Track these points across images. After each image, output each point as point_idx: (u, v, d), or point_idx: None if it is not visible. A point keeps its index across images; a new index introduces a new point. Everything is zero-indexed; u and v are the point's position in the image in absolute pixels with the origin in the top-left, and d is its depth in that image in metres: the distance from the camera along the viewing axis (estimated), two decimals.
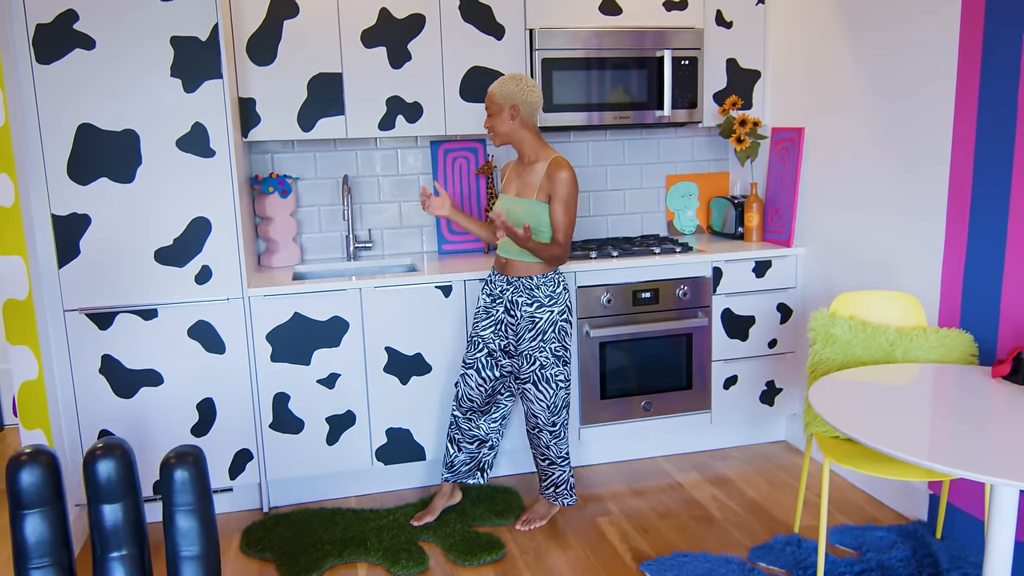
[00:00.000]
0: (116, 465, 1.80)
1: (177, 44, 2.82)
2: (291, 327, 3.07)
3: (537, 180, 2.79)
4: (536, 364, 2.86)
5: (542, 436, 2.94)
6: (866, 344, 2.58)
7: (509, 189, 2.90)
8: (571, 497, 3.01)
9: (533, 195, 2.79)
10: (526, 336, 2.84)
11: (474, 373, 2.98)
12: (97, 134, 2.81)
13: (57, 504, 1.78)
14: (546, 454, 2.97)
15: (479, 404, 3.00)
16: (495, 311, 2.92)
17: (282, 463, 3.15)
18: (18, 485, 1.74)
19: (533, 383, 2.88)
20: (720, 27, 3.60)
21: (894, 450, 1.81)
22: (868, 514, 3.02)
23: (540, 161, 2.81)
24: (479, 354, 2.97)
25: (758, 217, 3.66)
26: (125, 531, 1.82)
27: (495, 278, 2.94)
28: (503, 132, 2.79)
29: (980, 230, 2.58)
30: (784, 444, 3.72)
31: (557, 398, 2.90)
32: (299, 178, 3.58)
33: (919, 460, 1.76)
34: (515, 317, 2.86)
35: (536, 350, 2.84)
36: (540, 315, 2.83)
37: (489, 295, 2.95)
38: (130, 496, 1.83)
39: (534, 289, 2.83)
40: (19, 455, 1.76)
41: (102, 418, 2.97)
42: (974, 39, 2.54)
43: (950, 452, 1.81)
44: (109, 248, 2.89)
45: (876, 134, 3.03)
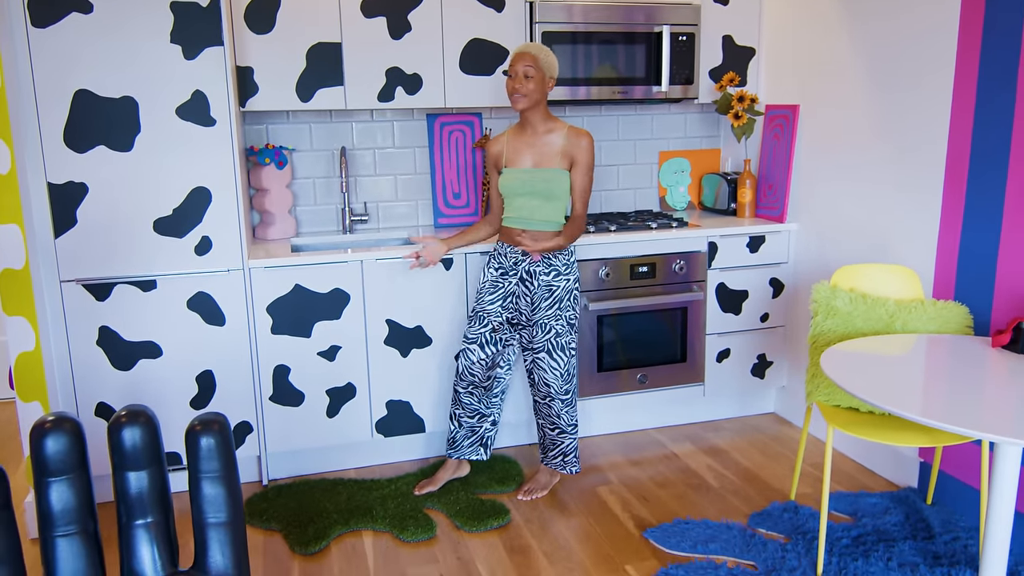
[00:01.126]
0: (141, 432, 1.79)
1: (177, 9, 2.77)
2: (292, 299, 3.05)
3: (557, 149, 2.82)
4: (552, 332, 2.88)
5: (553, 405, 2.97)
6: (867, 316, 2.64)
7: (522, 161, 2.89)
8: (577, 465, 3.06)
9: (556, 164, 2.83)
10: (542, 305, 2.87)
11: (477, 348, 2.99)
12: (95, 101, 2.75)
13: (82, 471, 1.77)
14: (556, 423, 3.00)
15: (480, 379, 3.02)
16: (505, 283, 2.94)
17: (282, 435, 3.14)
18: (43, 452, 1.72)
19: (547, 351, 2.91)
20: (717, 3, 3.62)
21: (913, 414, 1.87)
22: (860, 482, 3.11)
23: (555, 131, 2.84)
24: (483, 329, 2.98)
25: (751, 193, 3.71)
26: (151, 498, 1.81)
27: (507, 251, 2.94)
28: (536, 99, 2.80)
29: (977, 204, 2.66)
30: (773, 416, 3.80)
31: (570, 366, 2.94)
32: (295, 149, 3.54)
33: (937, 423, 1.82)
34: (531, 287, 2.88)
35: (552, 318, 2.87)
36: (557, 283, 2.86)
37: (499, 268, 2.96)
38: (155, 464, 1.82)
39: (552, 258, 2.86)
40: (43, 422, 1.74)
41: (100, 390, 2.93)
42: (976, 12, 2.60)
43: (962, 414, 1.87)
44: (107, 218, 2.84)
45: (873, 110, 3.08)
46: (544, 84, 2.80)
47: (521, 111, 2.84)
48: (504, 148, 2.93)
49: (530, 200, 2.86)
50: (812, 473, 3.21)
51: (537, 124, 2.86)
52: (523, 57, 2.77)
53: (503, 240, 2.97)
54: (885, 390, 2.04)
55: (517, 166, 2.89)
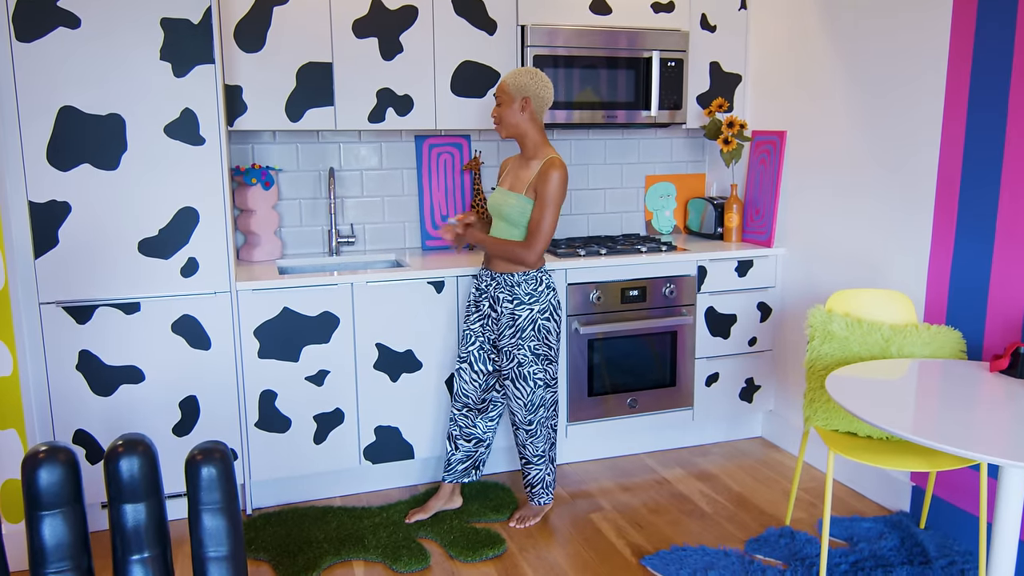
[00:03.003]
0: (139, 463, 1.71)
1: (168, 26, 2.71)
2: (280, 322, 2.98)
3: (530, 176, 2.77)
4: (515, 361, 2.85)
5: (518, 434, 2.95)
6: (863, 341, 2.65)
7: (505, 182, 2.88)
8: (545, 497, 3.00)
9: (523, 190, 2.78)
10: (506, 333, 2.83)
11: (467, 367, 2.96)
12: (80, 118, 2.67)
13: (76, 504, 1.68)
14: (522, 452, 2.97)
15: (475, 401, 2.98)
16: (482, 306, 2.91)
17: (267, 463, 3.05)
18: (36, 485, 1.63)
19: (511, 380, 2.87)
20: (704, 30, 3.66)
21: (933, 441, 1.86)
22: (851, 506, 3.11)
23: (537, 159, 2.78)
24: (471, 347, 2.95)
25: (738, 218, 3.73)
26: (148, 532, 1.73)
27: (482, 273, 2.92)
28: (511, 123, 2.75)
29: (968, 229, 2.69)
30: (761, 440, 3.80)
31: (534, 396, 2.88)
32: (281, 170, 3.48)
33: (959, 450, 1.82)
34: (497, 313, 2.85)
35: (515, 347, 2.83)
36: (519, 312, 2.81)
37: (477, 288, 2.94)
38: (153, 495, 1.74)
39: (515, 286, 2.81)
40: (36, 453, 1.66)
41: (78, 417, 2.82)
42: (965, 35, 2.65)
43: (971, 438, 1.88)
44: (90, 238, 2.75)
45: (861, 135, 3.13)
46: (515, 108, 2.71)
47: (505, 138, 2.81)
48: (507, 166, 2.94)
49: (498, 224, 2.85)
50: (804, 498, 3.20)
51: (527, 148, 2.80)
52: (497, 86, 2.77)
53: (483, 262, 2.95)
54: (894, 416, 2.04)
55: (502, 186, 2.88)
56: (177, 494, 3.02)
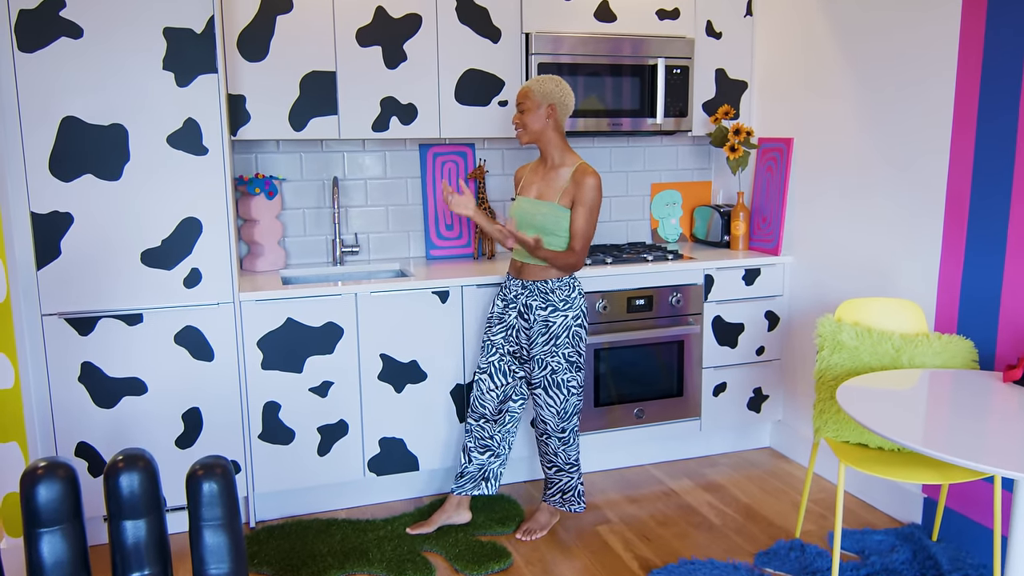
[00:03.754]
0: (140, 479, 1.69)
1: (170, 35, 2.69)
2: (283, 333, 2.95)
3: (561, 184, 2.75)
4: (548, 369, 2.82)
5: (550, 442, 2.90)
6: (873, 350, 2.62)
7: (528, 191, 2.84)
8: (579, 504, 2.98)
9: (556, 199, 2.75)
10: (539, 340, 2.80)
11: (487, 378, 2.92)
12: (82, 128, 2.66)
13: (75, 521, 1.66)
14: (554, 461, 2.93)
15: (491, 412, 2.94)
16: (508, 316, 2.87)
17: (270, 475, 3.02)
18: (35, 501, 1.61)
19: (544, 388, 2.84)
20: (710, 37, 3.64)
21: (939, 452, 1.83)
22: (863, 518, 3.07)
23: (566, 166, 2.77)
24: (492, 358, 2.91)
25: (745, 226, 3.70)
26: (148, 549, 1.70)
27: (510, 283, 2.89)
28: (536, 130, 2.74)
29: (979, 236, 2.66)
30: (769, 450, 3.76)
31: (568, 404, 2.86)
32: (285, 179, 3.46)
33: (964, 461, 1.78)
34: (529, 321, 2.82)
35: (549, 355, 2.80)
36: (554, 319, 2.79)
37: (503, 299, 2.90)
38: (154, 512, 1.71)
39: (549, 293, 2.79)
40: (34, 468, 1.63)
41: (81, 429, 2.80)
42: (975, 39, 2.62)
43: (984, 451, 1.84)
44: (92, 249, 2.73)
45: (868, 143, 3.10)
46: (540, 114, 2.72)
47: (526, 144, 2.80)
48: (523, 175, 2.91)
49: (528, 232, 2.80)
50: (814, 509, 3.16)
51: (549, 157, 2.81)
52: (519, 92, 2.76)
53: (509, 271, 2.92)
54: (906, 428, 2.01)
55: (524, 195, 2.85)
56: (179, 507, 2.99)
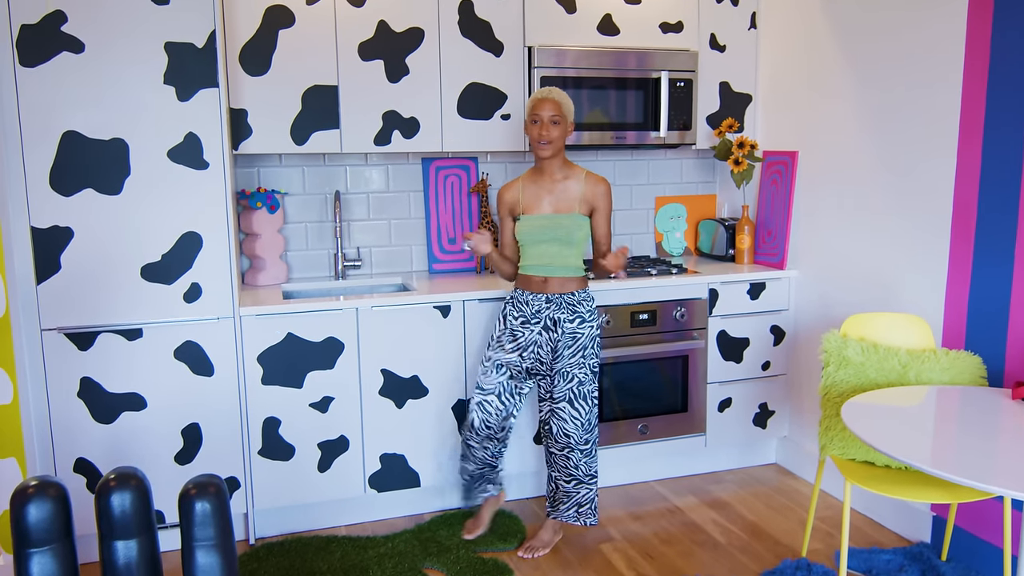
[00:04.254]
0: (132, 498, 1.67)
1: (172, 50, 2.69)
2: (283, 348, 2.93)
3: (576, 195, 2.81)
4: (575, 381, 2.80)
5: (572, 456, 2.86)
6: (879, 366, 2.58)
7: (540, 208, 2.82)
8: (594, 517, 2.93)
9: (576, 209, 2.81)
10: (565, 353, 2.79)
11: (494, 399, 2.88)
12: (83, 142, 2.66)
13: (67, 540, 1.63)
14: (574, 474, 2.89)
15: (496, 430, 2.92)
16: (527, 332, 2.83)
17: (270, 491, 3.00)
18: (25, 520, 1.59)
19: (569, 401, 2.82)
20: (714, 50, 3.62)
21: (947, 473, 1.79)
22: (870, 537, 3.02)
23: (572, 178, 2.83)
24: (501, 378, 2.88)
25: (750, 239, 3.67)
26: (140, 570, 1.68)
27: (528, 298, 2.84)
28: (560, 146, 2.79)
29: (986, 250, 2.62)
30: (776, 467, 3.71)
31: (592, 415, 2.86)
32: (287, 193, 3.45)
33: (972, 482, 1.74)
34: (556, 335, 2.80)
35: (576, 367, 2.80)
36: (582, 331, 2.80)
37: (518, 316, 2.85)
38: (145, 532, 1.69)
39: (576, 304, 2.81)
40: (25, 487, 1.61)
41: (79, 445, 2.78)
42: (980, 57, 2.60)
43: (992, 471, 1.80)
44: (92, 264, 2.72)
45: (875, 156, 3.07)
46: (566, 131, 2.79)
47: (550, 157, 2.79)
48: (520, 195, 2.87)
49: (551, 247, 2.80)
50: (820, 527, 3.11)
51: (556, 170, 2.82)
52: (548, 104, 2.74)
53: (522, 288, 2.87)
54: (913, 447, 1.97)
55: (536, 212, 2.83)
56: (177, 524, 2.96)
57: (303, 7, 3.06)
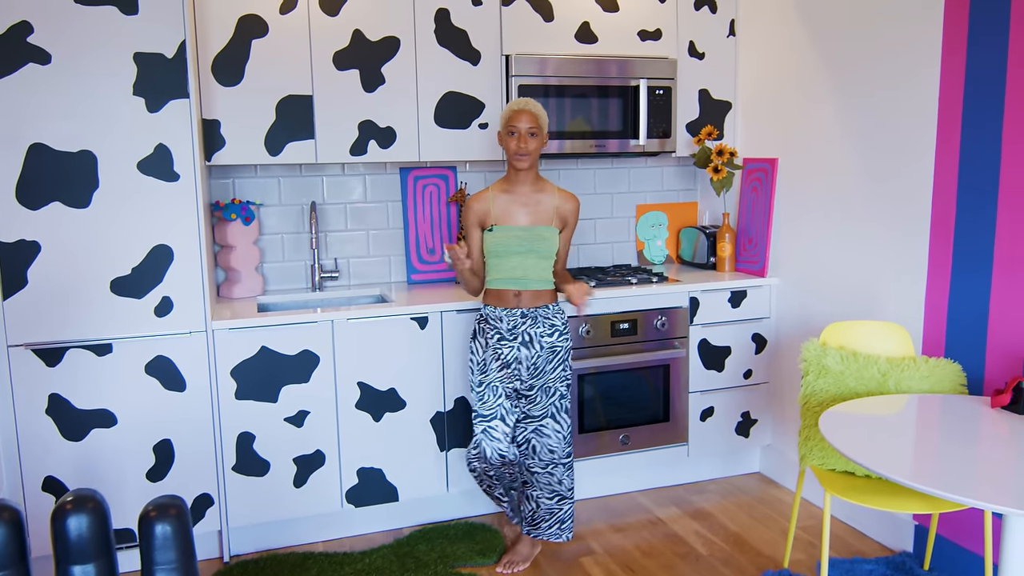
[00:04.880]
0: (89, 521, 1.62)
1: (141, 61, 2.65)
2: (257, 362, 2.89)
3: (550, 208, 2.79)
4: (556, 395, 2.78)
5: (556, 471, 2.82)
6: (858, 375, 2.56)
7: (517, 219, 2.76)
8: (571, 531, 2.89)
9: (551, 223, 2.79)
10: (547, 368, 2.76)
11: (499, 422, 2.82)
12: (50, 155, 2.61)
13: (21, 565, 1.58)
14: (557, 490, 2.84)
15: (510, 456, 2.85)
16: (505, 350, 2.77)
17: (245, 508, 2.95)
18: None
19: (551, 416, 2.78)
20: (693, 58, 3.61)
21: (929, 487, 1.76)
22: (853, 547, 2.99)
23: (545, 192, 2.81)
24: (500, 401, 2.81)
25: (731, 247, 3.65)
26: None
27: (501, 314, 2.77)
28: (536, 157, 2.76)
29: (965, 257, 2.61)
30: (759, 476, 3.69)
31: (570, 427, 2.84)
32: (262, 204, 3.41)
33: (956, 496, 1.72)
34: (533, 350, 2.76)
35: (557, 380, 2.78)
36: (560, 343, 2.78)
37: (495, 333, 2.78)
38: (103, 556, 1.64)
39: (552, 318, 2.78)
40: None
41: (48, 463, 2.73)
42: (957, 64, 2.59)
43: (976, 485, 1.78)
44: (60, 278, 2.67)
45: (854, 162, 3.05)
46: (543, 142, 2.75)
47: (526, 169, 2.75)
48: (491, 206, 2.78)
49: (527, 259, 2.74)
50: (803, 537, 3.08)
51: (530, 183, 2.79)
52: (526, 115, 2.69)
53: (494, 304, 2.79)
54: (892, 459, 1.94)
55: (511, 224, 2.77)
56: None
57: (277, 16, 3.03)
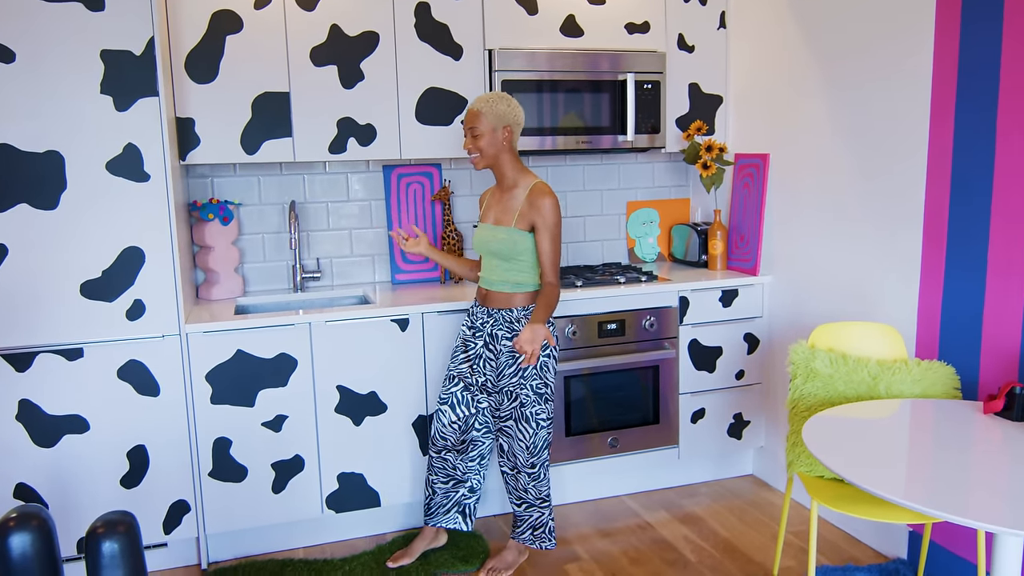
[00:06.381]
0: (32, 539, 1.55)
1: (108, 58, 2.58)
2: (233, 366, 2.82)
3: (516, 207, 2.64)
4: (517, 402, 2.68)
5: (520, 478, 2.75)
6: (848, 378, 2.47)
7: (488, 217, 2.72)
8: (550, 541, 2.81)
9: (512, 223, 2.64)
10: (507, 372, 2.67)
11: (448, 409, 2.79)
12: (15, 156, 2.54)
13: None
14: (523, 497, 2.78)
15: (453, 442, 2.81)
16: (474, 344, 2.74)
17: (223, 514, 2.89)
18: None
19: (515, 420, 2.70)
20: (682, 51, 3.52)
21: (906, 500, 1.68)
22: (846, 553, 2.91)
23: (520, 187, 2.66)
24: (454, 388, 2.78)
25: (722, 245, 3.56)
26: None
27: (476, 310, 2.76)
28: (492, 154, 2.62)
29: (958, 257, 2.52)
30: (752, 478, 3.61)
31: (538, 438, 2.72)
32: (242, 204, 3.34)
33: (932, 510, 1.64)
34: (495, 352, 2.68)
35: (517, 387, 2.67)
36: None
37: (470, 327, 2.77)
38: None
39: (514, 322, 2.67)
40: None
41: (19, 470, 2.67)
42: (949, 60, 2.50)
43: (957, 500, 1.69)
44: (28, 282, 2.61)
45: (847, 160, 2.96)
46: (497, 136, 2.62)
47: (483, 169, 2.67)
48: (486, 201, 2.78)
49: (490, 260, 2.69)
50: (795, 543, 3.00)
51: (506, 177, 2.68)
52: (468, 115, 2.62)
53: (475, 298, 2.80)
54: (873, 470, 1.86)
55: (485, 222, 2.73)
56: None
57: (251, 12, 2.96)
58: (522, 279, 2.68)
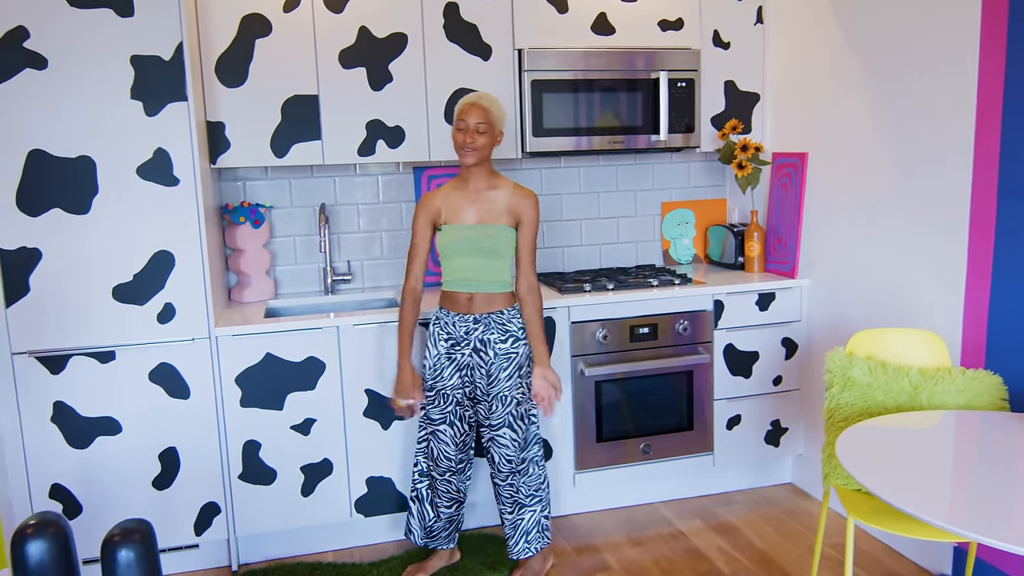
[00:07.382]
0: (49, 546, 1.56)
1: (138, 64, 2.60)
2: (262, 369, 2.83)
3: (502, 206, 2.61)
4: (512, 403, 2.63)
5: (515, 481, 2.69)
6: (887, 388, 2.37)
7: (465, 218, 2.62)
8: (543, 540, 2.74)
9: (501, 221, 2.62)
10: (502, 376, 2.62)
11: (447, 428, 2.71)
12: (49, 161, 2.58)
13: None
14: (515, 497, 2.70)
15: (455, 462, 2.74)
16: (458, 356, 2.67)
17: (253, 517, 2.90)
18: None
19: (508, 426, 2.65)
20: (717, 48, 3.43)
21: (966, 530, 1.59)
22: (888, 568, 2.81)
23: (498, 188, 2.63)
24: (448, 408, 2.70)
25: (759, 247, 3.47)
26: None
27: (454, 320, 2.66)
28: (485, 155, 2.59)
29: (1006, 260, 2.40)
30: (791, 487, 3.51)
31: (527, 433, 2.68)
32: (273, 207, 3.36)
33: (995, 542, 1.55)
34: (489, 357, 2.64)
35: (514, 388, 2.63)
36: (516, 349, 2.63)
37: (448, 339, 2.67)
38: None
39: (507, 323, 2.63)
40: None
41: (54, 471, 2.71)
42: (996, 55, 2.38)
43: (1007, 524, 1.60)
44: (62, 285, 2.64)
45: (888, 158, 2.85)
46: (494, 139, 2.59)
47: (472, 165, 2.61)
48: (441, 204, 2.65)
49: (474, 259, 2.61)
50: (833, 556, 2.91)
51: (481, 180, 2.63)
52: (476, 110, 2.54)
53: (447, 308, 2.68)
54: (913, 490, 1.77)
55: (459, 222, 2.64)
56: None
57: (280, 15, 2.96)
58: (507, 278, 2.64)
